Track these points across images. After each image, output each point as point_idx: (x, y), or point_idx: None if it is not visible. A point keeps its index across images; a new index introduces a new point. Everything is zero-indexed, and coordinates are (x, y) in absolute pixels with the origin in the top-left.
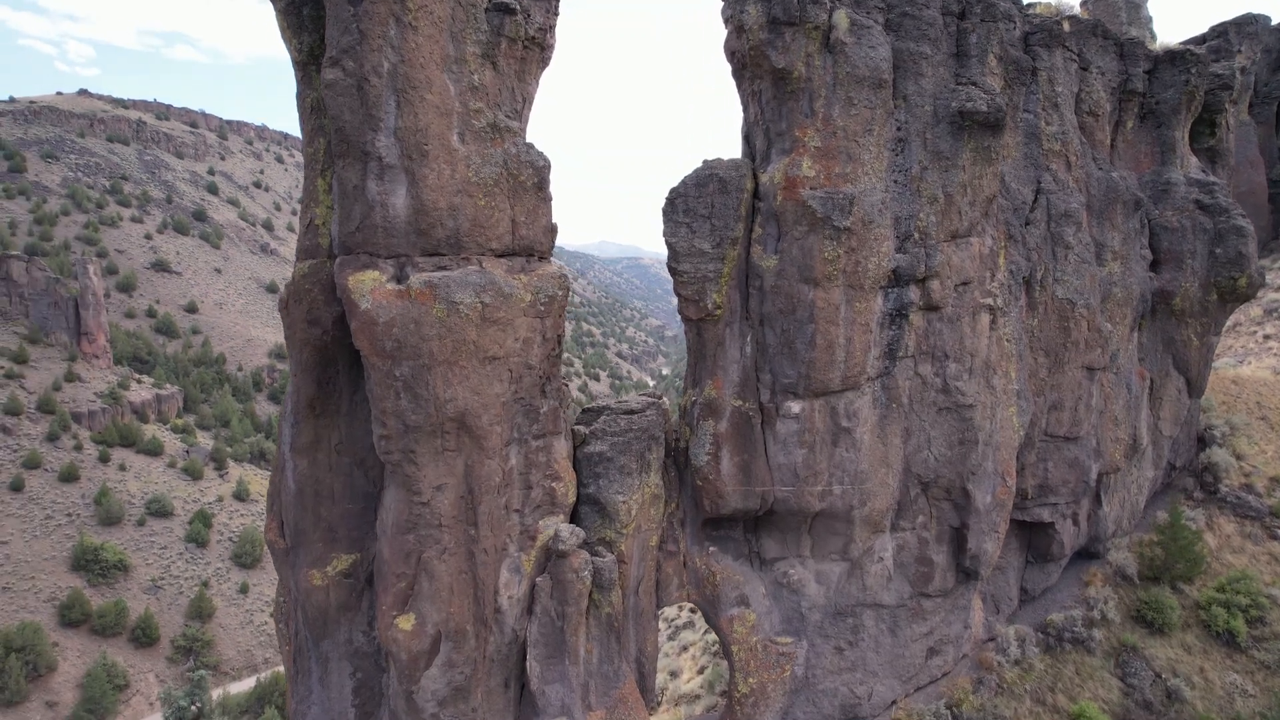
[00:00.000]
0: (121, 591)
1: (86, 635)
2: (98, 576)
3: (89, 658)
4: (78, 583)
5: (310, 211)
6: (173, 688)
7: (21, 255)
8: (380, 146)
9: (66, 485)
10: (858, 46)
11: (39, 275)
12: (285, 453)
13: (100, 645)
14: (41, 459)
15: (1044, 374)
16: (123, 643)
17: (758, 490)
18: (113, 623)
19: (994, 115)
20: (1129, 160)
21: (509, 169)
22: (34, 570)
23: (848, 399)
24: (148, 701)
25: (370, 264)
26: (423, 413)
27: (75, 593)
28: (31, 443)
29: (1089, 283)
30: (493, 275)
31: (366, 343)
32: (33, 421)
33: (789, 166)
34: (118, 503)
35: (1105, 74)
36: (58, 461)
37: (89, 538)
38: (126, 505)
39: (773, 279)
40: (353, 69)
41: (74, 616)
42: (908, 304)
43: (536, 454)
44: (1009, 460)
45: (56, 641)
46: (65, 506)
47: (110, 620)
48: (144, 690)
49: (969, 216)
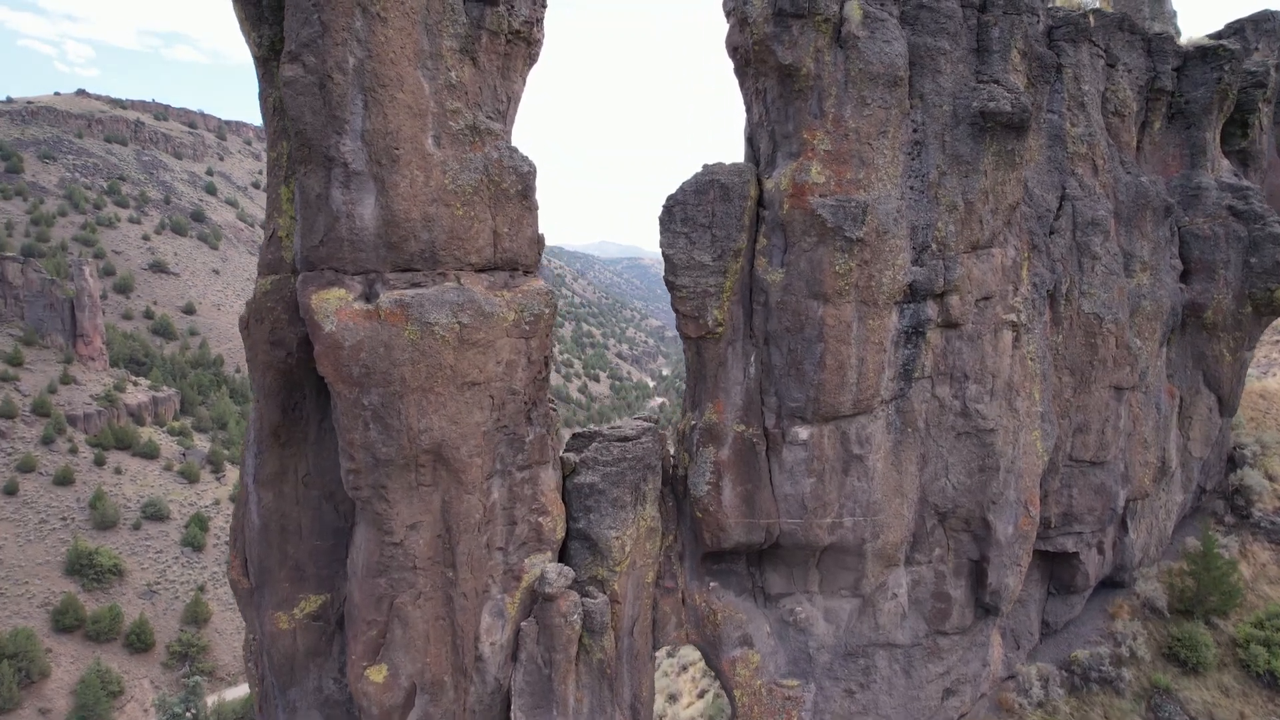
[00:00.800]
0: (116, 596)
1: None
2: (92, 581)
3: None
4: (72, 588)
5: (273, 222)
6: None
7: (17, 256)
8: (345, 151)
9: (61, 489)
10: (871, 41)
11: (34, 277)
12: (248, 485)
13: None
14: (36, 462)
15: (1069, 394)
16: (117, 648)
17: (762, 523)
18: (107, 628)
19: (1019, 116)
20: (1156, 163)
21: (490, 175)
22: (27, 575)
23: (859, 424)
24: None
25: (336, 281)
26: (394, 445)
27: (69, 598)
28: (26, 446)
29: (1117, 296)
30: (472, 293)
31: (331, 369)
32: (27, 424)
33: (796, 172)
34: (113, 506)
35: (1132, 71)
36: (52, 465)
37: (83, 542)
38: (122, 509)
39: (779, 294)
40: (314, 65)
41: (68, 622)
42: (925, 321)
43: (521, 486)
44: (1032, 488)
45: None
46: (60, 510)
47: (104, 626)
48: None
49: (991, 226)
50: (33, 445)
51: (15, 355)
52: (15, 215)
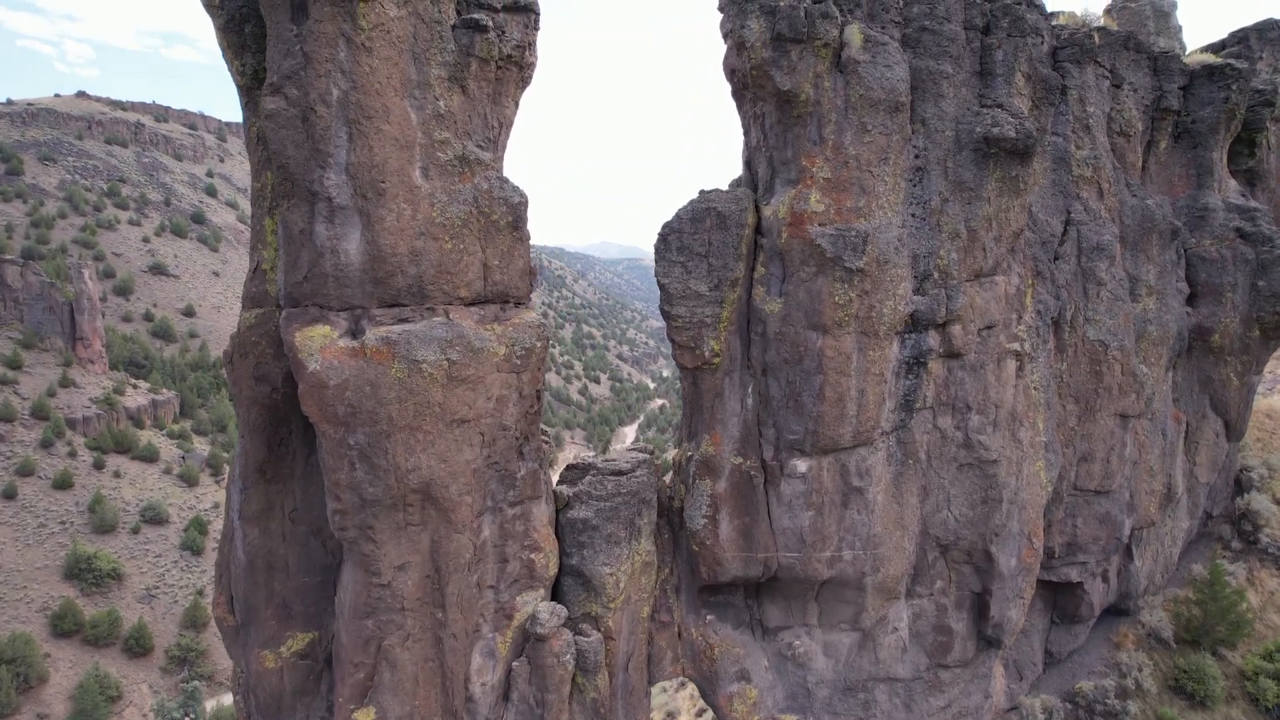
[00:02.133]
0: (115, 601)
1: (79, 645)
2: (91, 585)
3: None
4: (70, 592)
5: (257, 255)
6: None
7: (16, 259)
8: (330, 185)
9: (60, 492)
10: (872, 66)
11: (34, 279)
12: (234, 521)
13: (93, 656)
14: (35, 466)
15: (1073, 423)
16: (116, 653)
17: (760, 556)
18: (105, 633)
19: (1023, 141)
20: (1162, 184)
21: (480, 207)
22: (26, 580)
23: (859, 456)
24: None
25: (320, 318)
26: (381, 485)
27: (67, 602)
28: (25, 449)
29: (1123, 322)
30: (461, 327)
31: (315, 408)
32: (26, 428)
33: (795, 200)
34: (112, 510)
35: (1138, 91)
36: (51, 468)
37: (82, 546)
38: (121, 512)
39: (777, 325)
40: (297, 97)
41: (66, 626)
42: (926, 351)
43: (513, 523)
44: (1036, 520)
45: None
46: (59, 514)
47: (103, 630)
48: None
49: (994, 253)
50: (32, 449)
51: (14, 358)
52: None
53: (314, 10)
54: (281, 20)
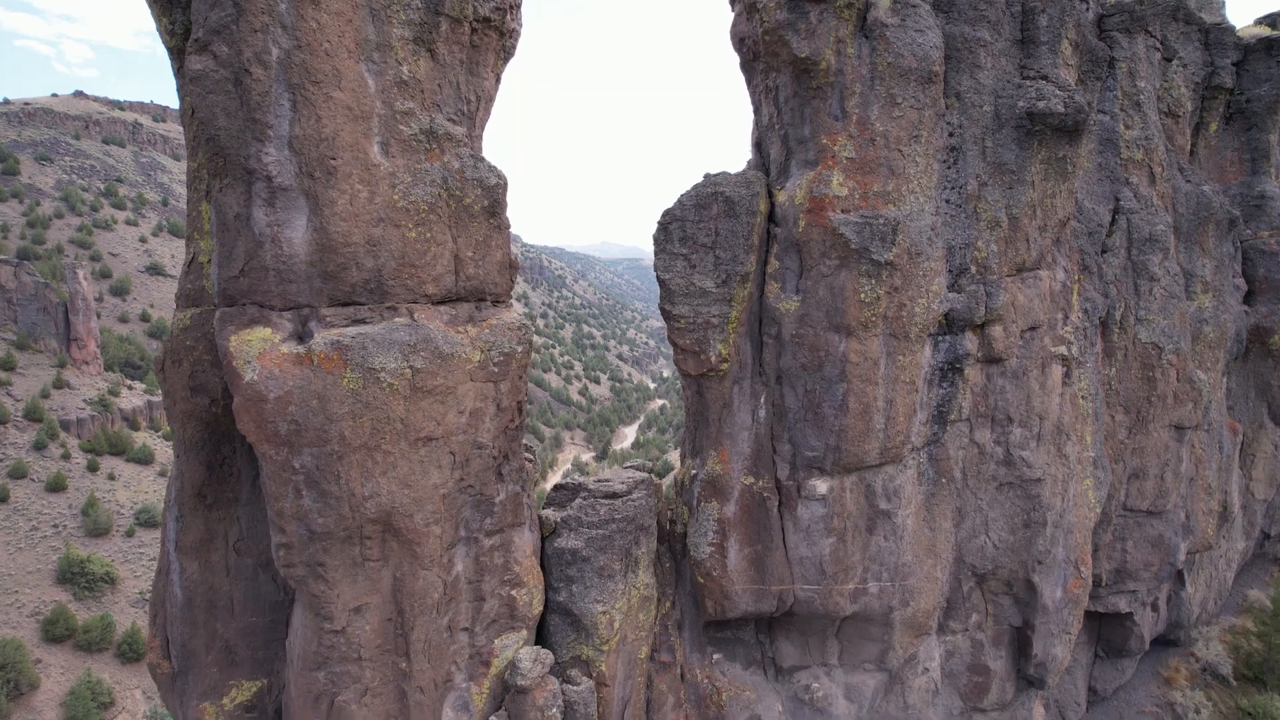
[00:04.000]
0: (109, 605)
1: (71, 651)
2: (84, 590)
3: (73, 675)
4: (63, 596)
5: (193, 245)
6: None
7: (10, 259)
8: (269, 162)
9: (53, 495)
10: (902, 30)
11: (28, 280)
12: (169, 553)
13: (85, 661)
14: (28, 468)
15: (1123, 435)
16: (109, 658)
17: (774, 589)
18: (98, 638)
19: (1073, 117)
20: (1211, 169)
21: (450, 189)
22: (17, 584)
23: (887, 474)
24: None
25: (260, 318)
26: (333, 515)
27: (60, 607)
28: (18, 451)
29: (1178, 322)
30: (427, 330)
31: (253, 426)
32: (19, 430)
33: (814, 183)
34: (106, 513)
35: (1187, 66)
36: (44, 471)
37: (75, 550)
38: (115, 515)
39: (793, 326)
40: (227, 56)
41: (58, 632)
42: (963, 356)
43: (490, 555)
44: (1083, 545)
45: (39, 658)
46: (52, 517)
47: (96, 635)
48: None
49: (1038, 244)
50: (24, 451)
51: (8, 359)
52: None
53: None
54: None
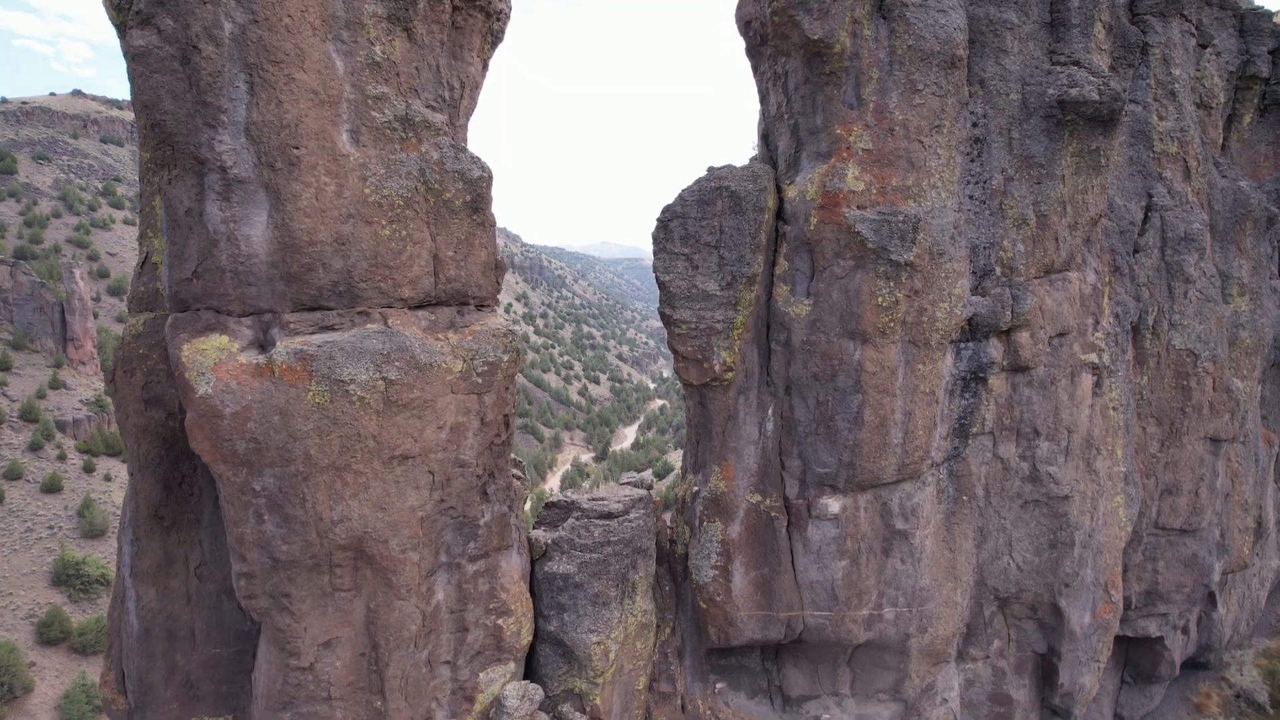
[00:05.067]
0: (104, 607)
1: (65, 654)
2: (79, 592)
3: (68, 678)
4: (58, 598)
5: (146, 244)
6: None
7: (7, 259)
8: (223, 151)
9: (49, 496)
10: (923, 10)
11: (24, 280)
12: (125, 579)
13: (80, 664)
14: (23, 469)
15: (1155, 448)
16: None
17: (781, 616)
18: (93, 640)
19: (1108, 106)
20: (1245, 163)
21: (428, 182)
22: (12, 586)
23: (904, 492)
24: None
25: (216, 325)
26: (299, 541)
27: (54, 609)
28: (14, 452)
29: (1215, 327)
30: (402, 337)
31: (208, 444)
32: (15, 430)
33: (827, 177)
34: (102, 514)
35: (1222, 55)
36: (40, 472)
37: (71, 551)
38: (111, 517)
39: (804, 332)
40: (173, 31)
41: (53, 634)
42: (987, 364)
43: (474, 582)
44: (1113, 567)
45: (34, 661)
46: (47, 519)
47: (91, 638)
48: None
49: (1068, 244)
50: (20, 452)
51: (4, 360)
52: (9, 217)
53: None
54: None
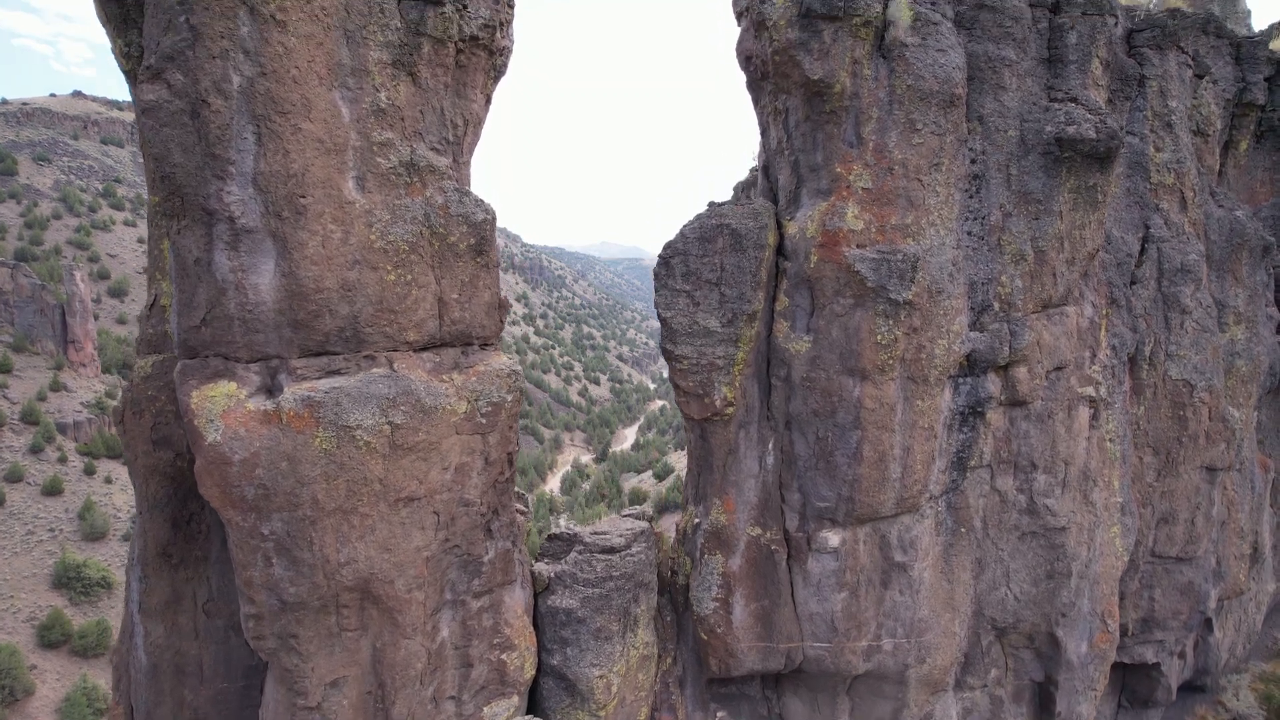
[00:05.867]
0: (105, 610)
1: (66, 657)
2: (80, 595)
3: (69, 681)
4: (59, 601)
5: (155, 287)
6: None
7: (7, 261)
8: (231, 201)
9: (49, 499)
10: (923, 50)
11: (24, 282)
12: (133, 615)
13: (81, 667)
14: (24, 472)
15: (1151, 478)
16: (104, 664)
17: (782, 647)
18: (94, 643)
19: (1105, 144)
20: (1241, 190)
21: (433, 227)
22: (13, 589)
23: (903, 525)
24: None
25: (224, 371)
26: (306, 583)
27: (55, 612)
28: (14, 455)
29: (1210, 357)
30: (408, 381)
31: (216, 490)
32: (15, 433)
33: (827, 216)
34: (103, 516)
35: (1218, 82)
36: (41, 474)
37: (72, 554)
38: (112, 519)
39: (804, 368)
40: (183, 85)
41: (53, 637)
42: (985, 399)
43: (479, 617)
44: (1110, 596)
45: (35, 664)
46: (48, 521)
47: (92, 641)
48: None
49: (1065, 279)
50: (21, 454)
51: (4, 362)
52: (9, 218)
53: None
54: None
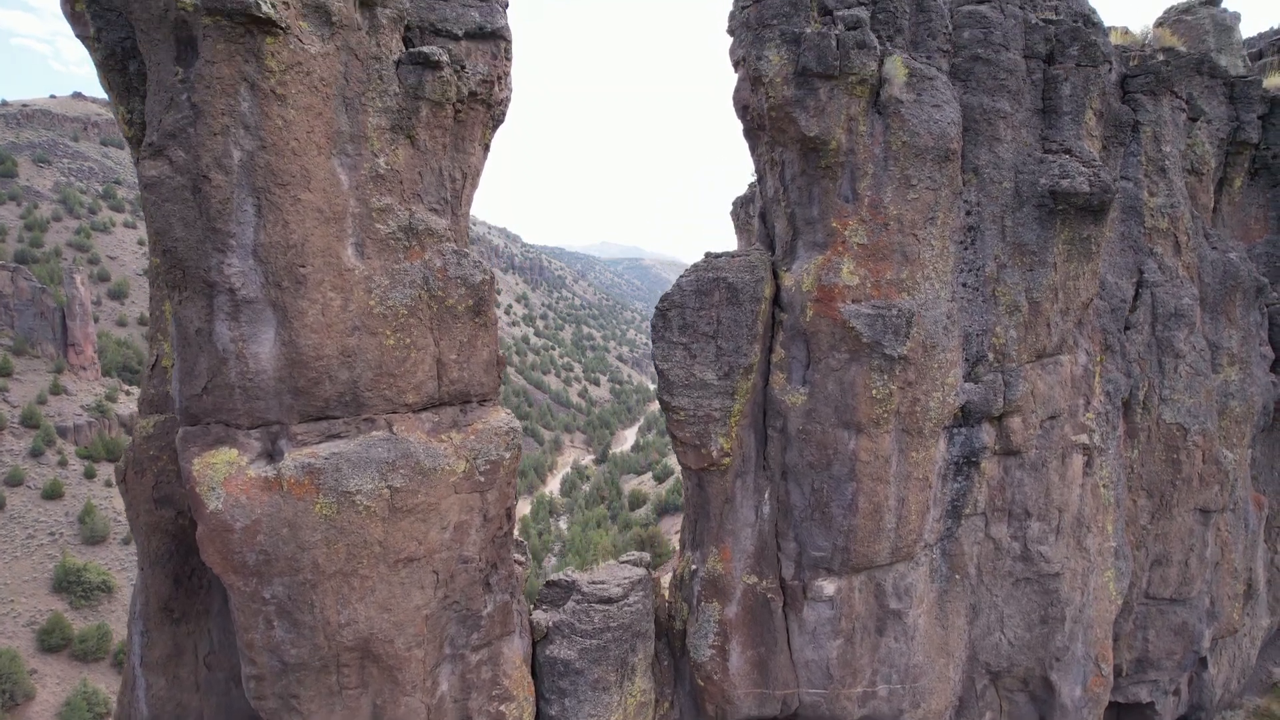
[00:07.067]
0: (105, 614)
1: (67, 661)
2: (80, 599)
3: (69, 685)
4: (59, 605)
5: (157, 347)
6: None
7: (7, 264)
8: (232, 274)
9: (50, 503)
10: (918, 106)
11: (25, 285)
12: (134, 668)
13: (81, 672)
14: (24, 475)
15: (1145, 520)
16: (105, 668)
17: (778, 694)
18: (94, 647)
19: (1098, 197)
20: (1235, 227)
21: (432, 290)
22: (13, 593)
23: (898, 573)
24: None
25: (225, 438)
26: (308, 645)
27: (56, 616)
28: (14, 459)
29: (1204, 400)
30: (407, 444)
31: (218, 557)
32: (15, 436)
33: (823, 270)
34: (103, 520)
35: (1212, 122)
36: (41, 478)
37: (71, 558)
38: (112, 523)
39: (800, 421)
40: (184, 162)
41: (54, 641)
42: (980, 449)
43: (478, 671)
44: (1104, 640)
45: (35, 668)
46: (48, 525)
47: (92, 645)
48: None
49: (1060, 329)
50: (21, 458)
51: (4, 365)
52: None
53: (205, 49)
54: (163, 61)
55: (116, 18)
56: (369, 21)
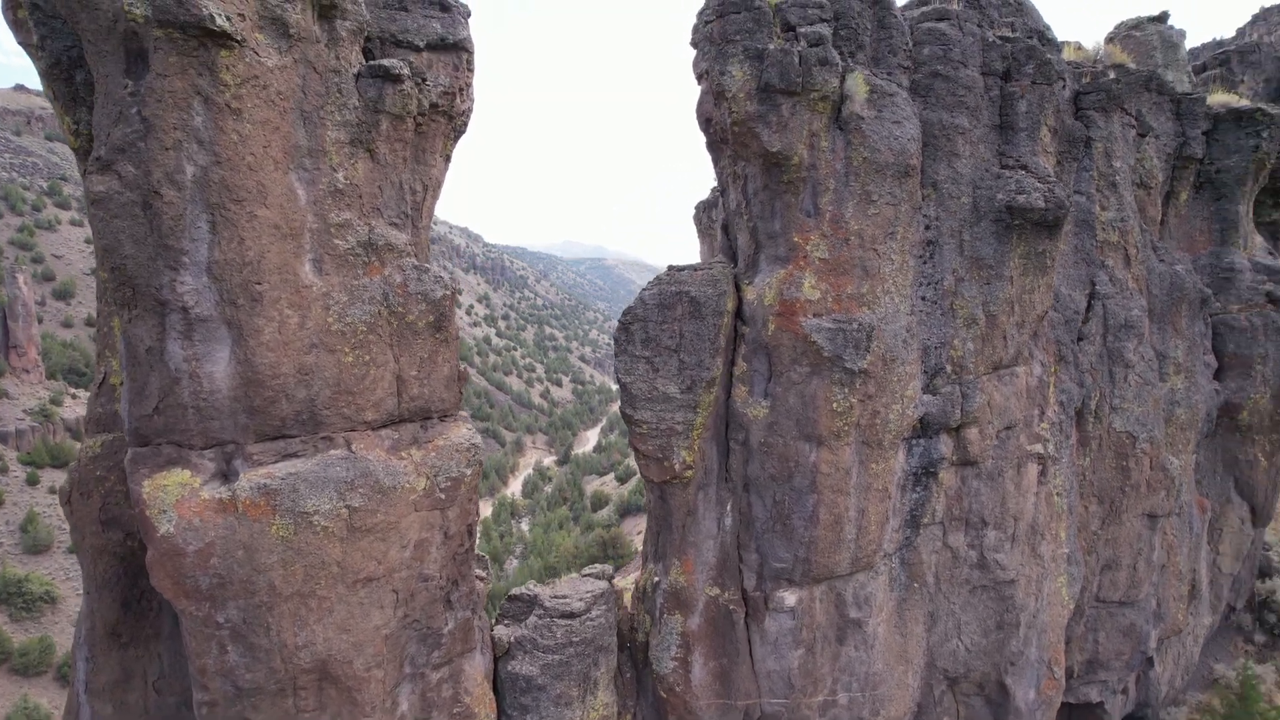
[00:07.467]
0: (48, 626)
1: (6, 676)
2: (21, 611)
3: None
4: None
5: (104, 364)
6: None
7: None
8: (185, 292)
9: None
10: (879, 122)
11: None
12: (79, 694)
13: (22, 687)
14: None
15: (1096, 526)
16: (48, 682)
17: (740, 704)
18: (36, 661)
19: (1053, 213)
20: (1182, 239)
21: (391, 306)
22: None
23: (858, 583)
24: None
25: (178, 458)
26: (263, 669)
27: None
28: None
29: (1152, 409)
30: (366, 462)
31: (169, 582)
32: None
33: (785, 285)
34: (47, 529)
35: (1160, 137)
36: None
37: (12, 568)
38: (56, 531)
39: (762, 433)
40: (134, 177)
41: None
42: (938, 460)
43: (439, 689)
44: (1057, 644)
45: None
46: None
47: (34, 659)
48: None
49: (1015, 341)
50: None
51: None
52: None
53: (156, 61)
54: (112, 73)
55: (62, 26)
56: (328, 34)
